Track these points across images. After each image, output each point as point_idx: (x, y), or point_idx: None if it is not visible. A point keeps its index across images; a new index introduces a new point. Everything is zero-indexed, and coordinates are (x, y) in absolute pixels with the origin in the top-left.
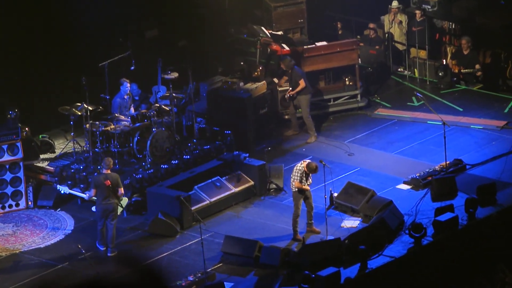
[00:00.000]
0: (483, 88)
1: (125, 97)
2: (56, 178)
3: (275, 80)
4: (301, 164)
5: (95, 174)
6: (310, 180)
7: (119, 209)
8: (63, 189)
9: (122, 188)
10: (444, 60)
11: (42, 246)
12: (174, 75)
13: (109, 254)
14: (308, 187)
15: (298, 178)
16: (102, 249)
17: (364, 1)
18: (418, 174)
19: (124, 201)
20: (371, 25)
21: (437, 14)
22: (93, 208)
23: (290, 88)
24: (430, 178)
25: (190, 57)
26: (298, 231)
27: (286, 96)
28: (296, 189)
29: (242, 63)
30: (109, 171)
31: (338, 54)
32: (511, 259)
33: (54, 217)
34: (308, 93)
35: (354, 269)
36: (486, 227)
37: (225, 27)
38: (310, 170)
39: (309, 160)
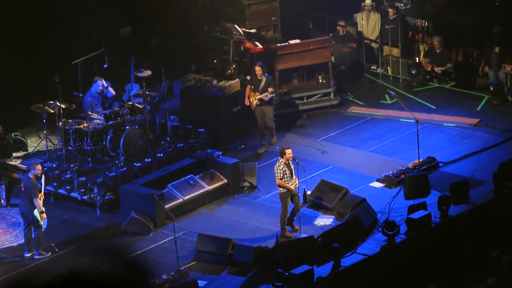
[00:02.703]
0: (456, 86)
1: (95, 94)
2: None
3: (248, 78)
4: (279, 160)
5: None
6: (296, 180)
7: (40, 220)
8: None
9: (37, 200)
10: (417, 58)
11: (15, 244)
12: (147, 73)
13: (36, 257)
14: (292, 187)
15: (279, 174)
16: (26, 255)
17: None
18: (391, 172)
19: (38, 216)
20: (341, 23)
21: (410, 12)
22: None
23: (260, 93)
24: (403, 176)
25: (163, 55)
26: (286, 229)
27: (256, 102)
28: (282, 190)
29: (215, 61)
30: (33, 178)
31: (311, 52)
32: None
33: None
34: (272, 104)
35: (327, 267)
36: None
37: (198, 25)
38: (281, 154)
39: None
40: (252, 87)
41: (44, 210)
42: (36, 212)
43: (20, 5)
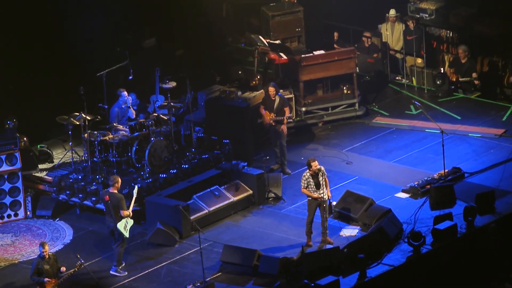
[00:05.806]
0: (481, 96)
1: (123, 106)
2: (55, 188)
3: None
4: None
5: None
6: (324, 189)
7: (124, 232)
8: None
9: (125, 211)
10: (441, 69)
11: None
12: (172, 84)
13: (111, 272)
14: (316, 195)
15: (304, 184)
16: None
17: (361, 9)
18: (416, 183)
19: (130, 223)
20: (367, 34)
21: (434, 22)
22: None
23: (276, 114)
24: (428, 186)
25: (188, 66)
26: (310, 237)
27: (270, 122)
28: (308, 197)
29: (240, 72)
30: (115, 191)
31: (336, 62)
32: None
33: (53, 227)
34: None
35: (353, 277)
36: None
37: (223, 36)
38: (308, 166)
39: None
40: (264, 107)
41: (131, 214)
42: (119, 226)
43: (44, 18)
